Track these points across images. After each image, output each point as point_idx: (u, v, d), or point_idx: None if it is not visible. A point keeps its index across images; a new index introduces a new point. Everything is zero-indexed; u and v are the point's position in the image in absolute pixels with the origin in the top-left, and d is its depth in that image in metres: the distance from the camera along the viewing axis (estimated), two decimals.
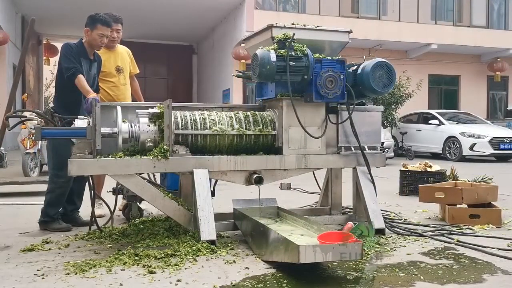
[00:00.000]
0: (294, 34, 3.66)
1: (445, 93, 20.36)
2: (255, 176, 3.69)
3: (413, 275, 2.78)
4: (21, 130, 8.20)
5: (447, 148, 13.73)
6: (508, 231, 3.99)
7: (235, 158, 3.66)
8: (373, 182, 3.95)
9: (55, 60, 16.01)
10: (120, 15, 4.92)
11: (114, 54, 4.90)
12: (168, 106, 3.48)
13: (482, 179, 5.86)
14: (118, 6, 15.43)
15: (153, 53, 21.21)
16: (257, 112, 3.92)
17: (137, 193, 3.57)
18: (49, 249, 3.41)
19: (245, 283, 2.63)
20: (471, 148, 13.15)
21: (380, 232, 3.77)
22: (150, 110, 3.65)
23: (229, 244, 3.44)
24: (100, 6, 12.57)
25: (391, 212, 4.79)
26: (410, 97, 14.31)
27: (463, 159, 13.16)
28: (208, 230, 3.34)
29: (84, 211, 4.43)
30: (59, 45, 17.58)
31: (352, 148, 3.98)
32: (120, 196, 4.35)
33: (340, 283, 2.65)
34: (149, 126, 3.58)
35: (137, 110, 3.69)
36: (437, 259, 3.13)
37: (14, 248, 3.45)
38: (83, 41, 4.25)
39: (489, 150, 13.08)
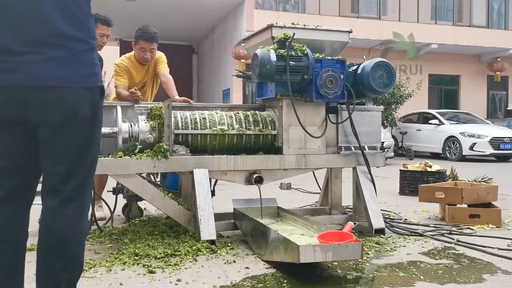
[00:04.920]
0: (294, 34, 3.66)
1: (445, 93, 20.36)
2: (255, 176, 3.69)
3: (413, 275, 2.78)
4: None
5: (447, 148, 13.74)
6: (508, 231, 3.99)
7: (235, 158, 3.66)
8: (373, 182, 3.95)
9: None
10: (154, 30, 4.49)
11: (143, 70, 4.63)
12: (168, 106, 3.49)
13: (482, 179, 5.85)
14: (118, 6, 15.43)
15: None
16: (257, 112, 3.92)
17: (137, 193, 3.57)
18: None
19: (245, 283, 2.63)
20: (471, 148, 13.16)
21: (380, 232, 3.77)
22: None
23: (229, 244, 3.44)
24: (100, 5, 12.55)
25: (391, 212, 4.79)
26: (410, 97, 14.31)
27: (463, 159, 13.16)
28: (208, 230, 3.34)
29: None
30: None
31: (352, 148, 3.98)
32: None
33: (340, 283, 2.65)
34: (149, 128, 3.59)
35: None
36: (437, 259, 3.13)
37: None
38: None
39: (489, 150, 13.07)
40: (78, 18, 1.78)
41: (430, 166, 6.27)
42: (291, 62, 3.60)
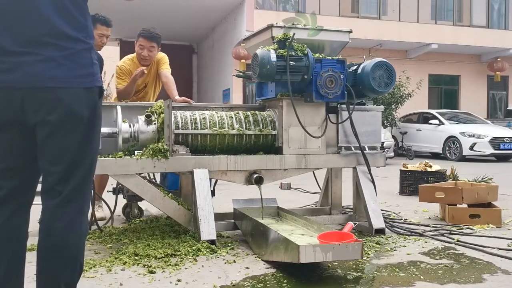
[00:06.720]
0: (294, 34, 3.66)
1: (445, 93, 20.36)
2: (255, 176, 3.69)
3: (413, 275, 2.78)
4: None
5: (447, 148, 13.74)
6: (508, 231, 3.98)
7: (235, 158, 3.66)
8: (373, 182, 3.95)
9: None
10: (158, 32, 4.47)
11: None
12: (168, 106, 3.49)
13: (482, 179, 5.85)
14: (118, 6, 15.43)
15: None
16: (257, 112, 3.92)
17: (137, 193, 3.56)
18: None
19: (245, 283, 2.63)
20: (471, 148, 13.15)
21: (380, 232, 3.77)
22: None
23: (229, 244, 3.44)
24: (99, 5, 12.54)
25: (391, 212, 4.79)
26: (410, 97, 14.32)
27: (463, 159, 13.16)
28: (208, 230, 3.34)
29: None
30: None
31: (352, 148, 3.98)
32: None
33: (340, 283, 2.65)
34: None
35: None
36: (437, 259, 3.12)
37: None
38: None
39: (489, 150, 13.07)
40: (76, 18, 1.77)
41: (430, 166, 6.27)
42: (291, 62, 3.60)
